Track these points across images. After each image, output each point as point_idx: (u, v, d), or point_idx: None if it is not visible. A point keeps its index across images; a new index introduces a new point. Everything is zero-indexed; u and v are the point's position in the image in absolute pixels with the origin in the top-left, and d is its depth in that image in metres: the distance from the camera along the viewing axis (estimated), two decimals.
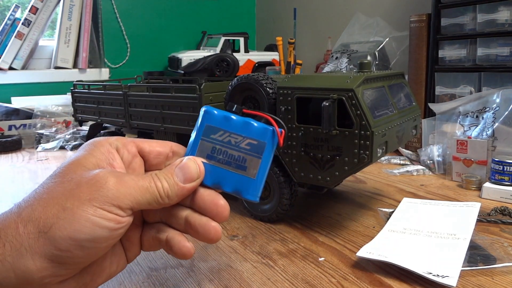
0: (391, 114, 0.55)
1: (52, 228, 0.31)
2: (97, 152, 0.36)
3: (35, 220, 0.31)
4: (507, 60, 0.83)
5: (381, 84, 0.56)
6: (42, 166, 0.99)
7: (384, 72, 0.60)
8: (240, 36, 1.63)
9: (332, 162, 0.53)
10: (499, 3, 0.83)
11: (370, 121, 0.49)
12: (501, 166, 0.69)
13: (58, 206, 0.31)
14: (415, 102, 0.65)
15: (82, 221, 0.31)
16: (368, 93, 0.52)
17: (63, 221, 0.31)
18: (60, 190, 0.33)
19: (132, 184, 0.34)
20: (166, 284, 0.46)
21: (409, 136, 0.62)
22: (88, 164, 0.35)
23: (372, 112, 0.51)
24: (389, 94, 0.57)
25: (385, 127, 0.52)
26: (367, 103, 0.50)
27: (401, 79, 0.64)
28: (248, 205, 0.63)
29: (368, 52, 1.15)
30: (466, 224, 0.55)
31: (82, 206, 0.32)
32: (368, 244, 0.51)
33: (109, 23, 1.69)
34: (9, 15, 1.51)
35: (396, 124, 0.55)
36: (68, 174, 0.34)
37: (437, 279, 0.43)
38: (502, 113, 0.78)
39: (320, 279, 0.46)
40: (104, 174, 0.33)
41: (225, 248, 0.54)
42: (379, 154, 0.52)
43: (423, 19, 0.97)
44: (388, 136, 0.53)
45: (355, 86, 0.50)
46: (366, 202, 0.69)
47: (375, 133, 0.49)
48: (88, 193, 0.32)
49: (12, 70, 1.49)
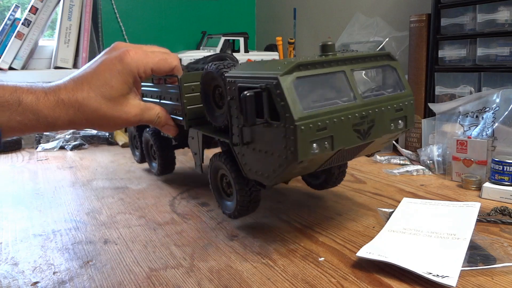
0: (345, 104, 0.48)
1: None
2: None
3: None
4: (507, 60, 0.83)
5: (337, 69, 0.49)
6: (42, 166, 0.99)
7: (349, 54, 0.52)
8: (240, 36, 1.63)
9: (269, 158, 0.48)
10: (499, 3, 0.83)
11: (294, 113, 0.44)
12: (501, 166, 0.69)
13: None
14: (407, 88, 0.55)
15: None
16: (306, 80, 0.46)
17: None
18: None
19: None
20: (166, 284, 0.46)
21: (388, 128, 0.53)
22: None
23: (305, 103, 0.45)
24: (350, 81, 0.50)
25: (326, 119, 0.46)
26: (301, 92, 0.45)
27: (384, 61, 0.55)
28: (217, 201, 0.62)
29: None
30: (466, 224, 0.55)
31: None
32: (368, 244, 0.51)
33: (109, 23, 1.69)
34: (9, 15, 1.51)
35: (355, 115, 0.48)
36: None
37: (437, 279, 0.43)
38: (502, 113, 0.78)
39: (320, 279, 0.46)
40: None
41: (225, 248, 0.54)
42: (315, 151, 0.46)
43: (423, 19, 0.97)
44: (335, 130, 0.47)
45: (281, 73, 0.44)
46: (366, 202, 0.69)
47: (301, 126, 0.44)
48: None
49: (12, 70, 1.48)
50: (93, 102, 0.47)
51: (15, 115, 0.43)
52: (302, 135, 0.44)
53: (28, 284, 0.46)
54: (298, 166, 0.48)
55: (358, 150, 0.54)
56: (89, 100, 0.46)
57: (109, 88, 0.48)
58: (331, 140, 0.47)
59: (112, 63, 0.48)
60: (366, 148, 0.55)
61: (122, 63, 0.48)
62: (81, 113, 0.46)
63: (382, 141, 0.57)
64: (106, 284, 0.46)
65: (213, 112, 0.60)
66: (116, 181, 0.86)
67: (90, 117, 0.47)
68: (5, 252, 0.54)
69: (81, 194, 0.78)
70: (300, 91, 0.45)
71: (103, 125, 0.49)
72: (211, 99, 0.60)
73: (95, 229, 0.61)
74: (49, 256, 0.53)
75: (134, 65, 0.49)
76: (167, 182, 0.84)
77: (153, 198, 0.75)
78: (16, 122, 0.44)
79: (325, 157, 0.50)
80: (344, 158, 0.55)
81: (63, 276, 0.48)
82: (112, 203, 0.72)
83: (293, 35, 1.66)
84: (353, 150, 0.53)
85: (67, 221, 0.65)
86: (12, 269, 0.50)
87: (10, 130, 0.44)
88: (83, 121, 0.47)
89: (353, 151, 0.54)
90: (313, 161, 0.49)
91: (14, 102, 0.43)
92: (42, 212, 0.69)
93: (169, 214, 0.66)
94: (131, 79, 0.49)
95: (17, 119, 0.44)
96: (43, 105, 0.45)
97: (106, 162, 1.02)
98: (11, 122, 0.44)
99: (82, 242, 0.57)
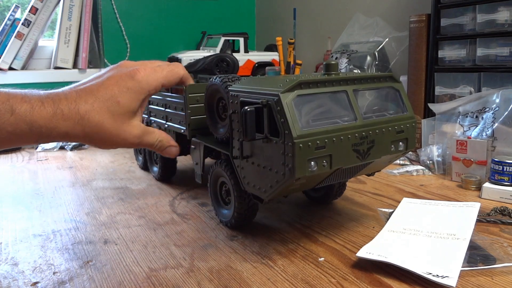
0: (345, 123, 0.48)
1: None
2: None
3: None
4: (507, 60, 0.83)
5: (339, 88, 0.49)
6: (42, 166, 0.99)
7: (352, 74, 0.52)
8: (240, 36, 1.63)
9: (267, 173, 0.49)
10: (499, 3, 0.83)
11: (293, 131, 0.44)
12: (500, 166, 0.69)
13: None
14: (409, 111, 0.55)
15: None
16: (307, 98, 0.47)
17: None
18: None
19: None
20: (166, 284, 0.46)
21: (388, 150, 0.53)
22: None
23: (305, 121, 0.46)
24: (352, 100, 0.50)
25: (326, 138, 0.46)
26: (301, 110, 0.46)
27: (387, 82, 0.55)
28: (214, 209, 0.63)
29: (367, 52, 1.15)
30: (466, 224, 0.55)
31: None
32: (367, 244, 0.51)
33: (109, 23, 1.68)
34: (9, 15, 1.51)
35: (355, 135, 0.49)
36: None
37: (436, 279, 0.43)
38: (502, 113, 0.78)
39: (320, 279, 0.46)
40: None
41: (225, 248, 0.54)
42: (313, 169, 0.46)
43: (423, 19, 0.97)
44: (334, 149, 0.47)
45: (282, 91, 0.45)
46: (366, 202, 0.69)
47: (299, 144, 0.44)
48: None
49: (12, 70, 1.48)
50: (95, 116, 0.44)
51: (6, 125, 0.40)
52: (300, 153, 0.44)
53: (28, 284, 0.46)
54: (296, 183, 0.48)
55: (357, 170, 0.54)
56: (92, 113, 0.44)
57: (115, 103, 0.46)
58: (330, 159, 0.47)
59: (122, 79, 0.47)
60: (366, 168, 0.55)
61: (133, 80, 0.47)
62: (80, 126, 0.44)
63: (381, 162, 0.56)
64: (106, 284, 0.46)
65: (216, 123, 0.61)
66: (116, 181, 0.86)
67: (88, 131, 0.45)
68: (5, 252, 0.54)
69: (81, 194, 0.78)
70: (301, 109, 0.46)
71: (100, 141, 0.46)
72: (214, 110, 0.61)
73: (95, 229, 0.61)
74: (49, 256, 0.53)
75: (145, 82, 0.48)
76: (167, 182, 0.84)
77: (153, 198, 0.75)
78: (6, 133, 0.41)
79: (323, 175, 0.50)
80: (343, 176, 0.55)
81: (63, 276, 0.48)
82: (112, 203, 0.72)
83: (293, 35, 1.66)
84: (352, 170, 0.53)
85: (67, 221, 0.65)
86: (12, 269, 0.50)
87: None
88: (80, 134, 0.44)
89: (352, 171, 0.54)
90: (311, 178, 0.49)
91: (6, 111, 0.40)
92: (42, 212, 0.69)
93: (169, 214, 0.66)
94: (142, 96, 0.48)
95: (7, 130, 0.41)
96: (38, 115, 0.42)
97: (106, 162, 1.03)
98: (1, 133, 0.40)
99: (82, 242, 0.57)
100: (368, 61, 1.13)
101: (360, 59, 1.15)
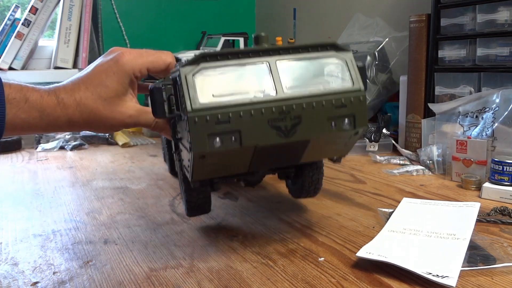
0: (258, 97, 0.44)
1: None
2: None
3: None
4: (507, 60, 0.83)
5: (257, 60, 0.45)
6: (42, 166, 0.99)
7: (281, 45, 0.47)
8: (240, 36, 1.63)
9: (186, 152, 0.47)
10: (499, 3, 0.83)
11: (188, 104, 0.41)
12: (500, 166, 0.69)
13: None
14: (357, 83, 0.47)
15: None
16: (216, 71, 0.43)
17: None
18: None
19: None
20: (166, 284, 0.46)
21: (324, 127, 0.46)
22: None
23: (206, 95, 0.42)
24: (273, 72, 0.45)
25: (230, 112, 0.42)
26: (205, 84, 0.43)
27: (329, 52, 0.47)
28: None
29: (367, 52, 1.15)
30: (466, 224, 0.55)
31: None
32: (367, 244, 0.51)
33: (109, 23, 1.68)
34: (9, 15, 1.51)
35: (272, 109, 0.44)
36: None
37: (436, 279, 0.43)
38: (502, 113, 0.78)
39: (320, 279, 0.46)
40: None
41: (225, 248, 0.54)
42: (217, 145, 0.43)
43: (423, 19, 0.97)
44: (243, 124, 0.43)
45: (183, 65, 0.43)
46: (366, 202, 0.69)
47: (195, 118, 0.41)
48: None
49: (11, 70, 1.48)
50: (90, 102, 0.49)
51: (20, 113, 0.45)
52: (196, 128, 0.42)
53: (28, 284, 0.46)
54: (207, 162, 0.45)
55: (289, 150, 0.49)
56: (86, 99, 0.48)
57: (104, 88, 0.49)
58: (239, 135, 0.43)
59: (108, 65, 0.50)
60: (306, 150, 0.49)
61: (117, 64, 0.50)
62: (79, 112, 0.48)
63: (326, 142, 0.50)
64: (106, 284, 0.46)
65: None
66: (116, 181, 0.86)
67: (86, 117, 0.49)
68: (5, 252, 0.54)
69: (81, 194, 0.78)
70: (205, 83, 0.43)
71: (100, 126, 0.50)
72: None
73: (95, 229, 0.61)
74: (49, 256, 0.53)
75: (129, 65, 0.50)
76: (167, 182, 0.84)
77: (153, 198, 0.75)
78: (20, 120, 0.46)
79: (243, 154, 0.46)
80: (275, 158, 0.50)
81: (63, 276, 0.48)
82: (112, 203, 0.72)
83: (293, 35, 1.66)
84: (279, 150, 0.48)
85: (67, 221, 0.65)
86: (12, 269, 0.50)
87: (12, 128, 0.46)
88: (81, 121, 0.49)
89: (281, 151, 0.49)
90: (227, 157, 0.46)
91: (21, 99, 0.45)
92: (42, 212, 0.69)
93: (169, 214, 0.66)
94: (127, 79, 0.51)
95: (21, 117, 0.46)
96: (46, 103, 0.47)
97: (106, 162, 1.03)
98: (16, 119, 0.45)
99: (82, 242, 0.57)
100: (368, 61, 1.13)
101: (360, 59, 1.14)
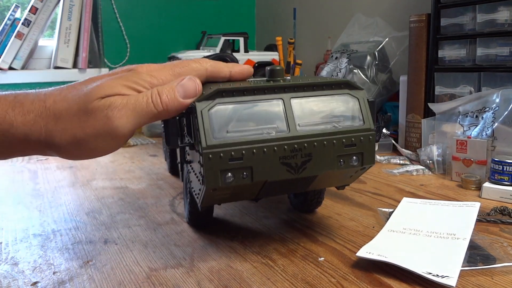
0: (271, 135, 0.45)
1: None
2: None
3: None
4: (507, 60, 0.83)
5: (271, 96, 0.46)
6: (42, 166, 0.99)
7: (296, 81, 0.47)
8: (240, 36, 1.62)
9: (197, 180, 0.49)
10: (499, 3, 0.83)
11: (203, 140, 0.43)
12: (500, 166, 0.69)
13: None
14: (368, 122, 0.48)
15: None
16: (230, 107, 0.44)
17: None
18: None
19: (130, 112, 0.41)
20: (166, 284, 0.46)
21: (332, 164, 0.47)
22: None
23: (221, 131, 0.44)
24: (287, 109, 0.46)
25: (243, 149, 0.44)
26: (220, 120, 0.44)
27: (343, 90, 0.49)
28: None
29: (367, 52, 1.15)
30: (466, 224, 0.55)
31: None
32: (367, 244, 0.51)
33: (109, 23, 1.69)
34: (9, 15, 1.51)
35: (284, 147, 0.45)
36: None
37: (436, 279, 0.43)
38: (502, 113, 0.78)
39: (320, 279, 0.46)
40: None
41: (225, 248, 0.54)
42: (229, 180, 0.44)
43: (423, 19, 0.97)
44: (255, 161, 0.44)
45: (198, 99, 0.44)
46: (366, 202, 0.69)
47: (209, 155, 0.43)
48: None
49: (11, 70, 1.49)
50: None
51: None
52: (209, 163, 0.43)
53: (28, 284, 0.46)
54: (217, 193, 0.47)
55: (297, 184, 0.51)
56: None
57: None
58: (251, 171, 0.45)
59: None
60: (313, 183, 0.51)
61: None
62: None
63: (334, 177, 0.52)
64: (106, 284, 0.46)
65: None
66: (116, 181, 0.86)
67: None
68: (5, 252, 0.54)
69: (81, 194, 0.78)
70: (220, 118, 0.44)
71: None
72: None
73: (95, 229, 0.61)
74: (49, 256, 0.53)
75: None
76: (167, 182, 0.84)
77: (153, 198, 0.75)
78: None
79: (253, 187, 0.48)
80: (281, 189, 0.53)
81: (63, 276, 0.48)
82: (112, 203, 0.72)
83: (293, 35, 1.66)
84: (287, 184, 0.49)
85: (67, 221, 0.65)
86: (12, 269, 0.50)
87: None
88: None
89: (289, 184, 0.50)
90: (239, 189, 0.47)
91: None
92: (42, 212, 0.69)
93: (169, 214, 0.66)
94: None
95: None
96: None
97: (106, 162, 1.03)
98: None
99: (82, 242, 0.57)
100: (368, 61, 1.13)
101: (360, 59, 1.15)
